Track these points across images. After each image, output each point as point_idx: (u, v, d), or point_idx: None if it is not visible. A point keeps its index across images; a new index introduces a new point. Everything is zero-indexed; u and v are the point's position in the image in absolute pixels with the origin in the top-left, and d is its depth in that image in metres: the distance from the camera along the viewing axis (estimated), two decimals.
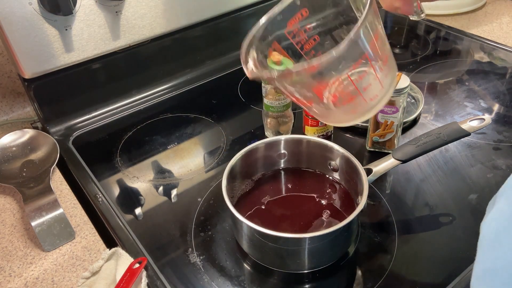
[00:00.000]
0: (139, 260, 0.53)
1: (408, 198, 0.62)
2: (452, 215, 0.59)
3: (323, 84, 0.44)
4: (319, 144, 0.58)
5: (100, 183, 0.67)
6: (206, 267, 0.54)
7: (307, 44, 0.52)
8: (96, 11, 0.72)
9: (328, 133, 0.70)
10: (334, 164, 0.59)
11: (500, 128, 0.73)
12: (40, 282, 0.54)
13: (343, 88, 0.45)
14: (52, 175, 0.67)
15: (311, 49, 0.52)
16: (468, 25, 1.06)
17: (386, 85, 0.46)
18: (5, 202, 0.65)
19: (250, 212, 0.55)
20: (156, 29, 0.81)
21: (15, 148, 0.70)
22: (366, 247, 0.55)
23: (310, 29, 0.51)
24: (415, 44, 1.02)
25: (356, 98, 0.45)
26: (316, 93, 0.44)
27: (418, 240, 0.56)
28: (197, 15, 0.86)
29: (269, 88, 0.66)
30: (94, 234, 0.59)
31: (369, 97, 0.45)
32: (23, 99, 0.84)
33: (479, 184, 0.63)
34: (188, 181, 0.67)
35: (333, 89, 0.45)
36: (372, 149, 0.70)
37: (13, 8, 0.64)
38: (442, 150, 0.68)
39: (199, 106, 0.84)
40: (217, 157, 0.71)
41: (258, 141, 0.58)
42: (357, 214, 0.47)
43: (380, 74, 0.44)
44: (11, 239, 0.59)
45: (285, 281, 0.52)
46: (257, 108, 0.82)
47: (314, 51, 0.52)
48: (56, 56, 0.71)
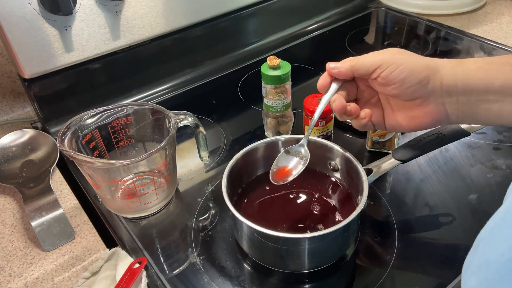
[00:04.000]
0: (139, 260, 0.53)
1: (408, 198, 0.62)
2: (452, 215, 0.59)
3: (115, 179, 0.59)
4: (319, 144, 0.58)
5: None
6: (206, 267, 0.54)
7: (122, 142, 0.63)
8: (96, 11, 0.72)
9: (328, 133, 0.69)
10: (334, 164, 0.59)
11: (500, 128, 0.73)
12: (40, 282, 0.53)
13: (127, 187, 0.60)
14: (52, 175, 0.67)
15: (123, 146, 0.63)
16: (468, 25, 1.06)
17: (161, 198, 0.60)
18: (5, 202, 0.65)
19: (250, 212, 0.55)
20: (156, 29, 0.81)
21: (15, 148, 0.70)
22: (366, 247, 0.55)
23: (129, 132, 0.63)
24: (415, 44, 1.02)
25: (134, 198, 0.57)
26: (107, 183, 0.57)
27: (418, 240, 0.56)
28: (197, 15, 0.86)
29: (269, 88, 0.66)
30: (94, 234, 0.59)
31: (144, 201, 0.58)
32: (23, 99, 0.84)
33: (479, 184, 0.63)
34: (188, 181, 0.67)
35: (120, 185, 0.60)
36: (372, 149, 0.70)
37: (13, 8, 0.64)
38: (442, 150, 0.68)
39: (199, 106, 0.84)
40: (217, 157, 0.71)
41: (258, 141, 0.58)
42: (357, 214, 0.47)
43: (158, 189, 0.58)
44: (11, 239, 0.59)
45: (285, 281, 0.52)
46: (257, 108, 0.82)
47: (125, 149, 0.64)
48: (56, 56, 0.71)
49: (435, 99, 0.47)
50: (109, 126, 0.60)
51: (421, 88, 0.46)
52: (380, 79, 0.47)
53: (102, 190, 0.58)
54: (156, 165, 0.61)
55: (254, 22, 0.98)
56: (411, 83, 0.46)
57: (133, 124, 0.62)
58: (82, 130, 0.58)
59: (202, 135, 0.64)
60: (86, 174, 0.57)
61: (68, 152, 0.52)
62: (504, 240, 0.29)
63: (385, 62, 0.46)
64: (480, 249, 0.31)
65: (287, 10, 1.03)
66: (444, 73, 0.46)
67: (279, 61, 0.65)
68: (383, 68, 0.47)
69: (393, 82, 0.46)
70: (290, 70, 0.65)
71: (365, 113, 0.49)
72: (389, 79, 0.46)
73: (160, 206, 0.62)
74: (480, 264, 0.30)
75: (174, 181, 0.63)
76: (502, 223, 0.30)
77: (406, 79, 0.46)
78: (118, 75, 0.83)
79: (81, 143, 0.58)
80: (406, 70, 0.46)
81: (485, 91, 0.45)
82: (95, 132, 0.59)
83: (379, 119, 0.51)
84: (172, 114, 0.58)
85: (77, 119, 0.57)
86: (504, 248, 0.28)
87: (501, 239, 0.29)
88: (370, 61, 0.47)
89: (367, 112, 0.49)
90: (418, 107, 0.48)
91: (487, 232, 0.31)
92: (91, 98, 0.81)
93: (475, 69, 0.45)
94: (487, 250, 0.30)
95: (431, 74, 0.46)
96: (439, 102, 0.47)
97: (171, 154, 0.59)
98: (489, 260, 0.29)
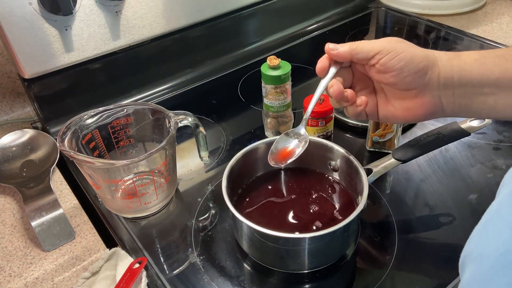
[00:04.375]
0: (139, 260, 0.53)
1: (408, 198, 0.62)
2: (452, 215, 0.59)
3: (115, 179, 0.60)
4: (319, 144, 0.58)
5: None
6: (206, 267, 0.54)
7: (122, 142, 0.63)
8: (96, 11, 0.72)
9: (328, 133, 0.69)
10: (334, 164, 0.59)
11: (500, 128, 0.73)
12: (40, 282, 0.53)
13: (127, 187, 0.61)
14: (52, 175, 0.67)
15: (123, 146, 0.64)
16: (468, 25, 1.06)
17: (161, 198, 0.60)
18: (5, 202, 0.65)
19: (250, 212, 0.55)
20: (156, 29, 0.81)
21: (15, 148, 0.70)
22: (366, 247, 0.55)
23: (129, 132, 0.63)
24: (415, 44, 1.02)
25: (134, 198, 0.58)
26: (107, 183, 0.58)
27: (418, 240, 0.56)
28: (197, 15, 0.86)
29: (269, 88, 0.66)
30: (94, 234, 0.59)
31: (144, 201, 0.58)
32: (23, 99, 0.84)
33: (479, 184, 0.63)
34: (188, 181, 0.67)
35: (121, 185, 0.61)
36: (372, 149, 0.70)
37: (13, 8, 0.64)
38: (442, 150, 0.68)
39: (199, 106, 0.84)
40: (217, 157, 0.71)
41: (258, 141, 0.58)
42: (357, 214, 0.47)
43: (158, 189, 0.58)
44: (11, 239, 0.59)
45: (285, 281, 0.52)
46: (257, 108, 0.82)
47: (125, 149, 0.64)
48: (56, 56, 0.71)
49: (431, 91, 0.47)
50: (109, 126, 0.60)
51: (419, 78, 0.46)
52: (378, 66, 0.47)
53: (102, 190, 0.58)
54: (156, 165, 0.61)
55: (254, 22, 0.98)
56: (409, 72, 0.46)
57: (133, 124, 0.62)
58: (82, 130, 0.58)
59: (202, 135, 0.64)
60: (86, 174, 0.57)
61: (68, 152, 0.52)
62: (497, 235, 0.29)
63: (385, 49, 0.46)
64: (474, 242, 0.31)
65: (287, 10, 1.03)
66: (442, 65, 0.46)
67: (279, 61, 0.65)
68: (382, 54, 0.46)
69: (392, 70, 0.46)
70: (290, 70, 0.65)
71: (361, 100, 0.49)
72: (387, 66, 0.46)
73: (160, 206, 0.62)
74: (475, 257, 0.30)
75: (174, 181, 0.63)
76: (495, 216, 0.31)
77: (405, 67, 0.46)
78: (118, 75, 0.83)
79: (81, 143, 0.58)
80: (406, 59, 0.46)
81: (481, 83, 0.45)
82: (95, 132, 0.59)
83: (372, 108, 0.51)
84: (172, 114, 0.59)
85: (77, 119, 0.57)
86: (498, 243, 0.29)
87: (494, 233, 0.30)
88: (370, 46, 0.47)
89: (363, 100, 0.49)
90: (414, 98, 0.48)
91: (481, 225, 0.32)
92: (91, 98, 0.81)
93: (471, 61, 0.46)
94: (480, 243, 0.31)
95: (429, 65, 0.46)
96: (435, 94, 0.47)
97: (171, 154, 0.59)
98: (483, 254, 0.30)
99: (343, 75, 0.50)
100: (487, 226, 0.31)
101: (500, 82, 0.44)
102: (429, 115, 0.48)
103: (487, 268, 0.29)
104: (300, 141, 0.52)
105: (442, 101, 0.47)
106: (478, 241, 0.31)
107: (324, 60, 0.50)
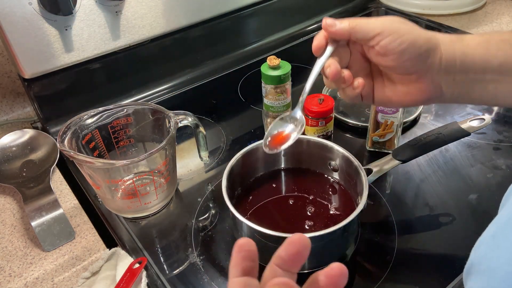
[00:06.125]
0: (139, 260, 0.53)
1: (408, 198, 0.62)
2: (452, 215, 0.59)
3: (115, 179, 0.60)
4: (319, 144, 0.58)
5: None
6: (206, 267, 0.54)
7: (122, 142, 0.63)
8: (96, 11, 0.72)
9: (328, 133, 0.69)
10: (334, 164, 0.59)
11: (500, 128, 0.73)
12: (40, 282, 0.53)
13: (127, 187, 0.61)
14: (52, 175, 0.67)
15: (123, 146, 0.64)
16: (468, 25, 1.06)
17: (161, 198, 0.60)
18: (5, 202, 0.65)
19: (250, 212, 0.55)
20: (156, 29, 0.81)
21: (15, 148, 0.70)
22: (366, 247, 0.55)
23: (129, 132, 0.63)
24: None
25: (134, 198, 0.58)
26: (107, 183, 0.58)
27: (418, 240, 0.56)
28: (197, 15, 0.86)
29: (269, 88, 0.66)
30: (94, 234, 0.59)
31: (144, 201, 0.58)
32: (23, 99, 0.84)
33: (479, 184, 0.63)
34: (188, 181, 0.67)
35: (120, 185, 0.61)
36: (372, 149, 0.70)
37: (13, 8, 0.64)
38: (442, 150, 0.68)
39: (199, 106, 0.84)
40: (217, 157, 0.71)
41: (258, 141, 0.58)
42: (357, 214, 0.47)
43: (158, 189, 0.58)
44: (11, 239, 0.59)
45: None
46: (257, 108, 0.82)
47: (125, 149, 0.64)
48: (56, 56, 0.71)
49: (431, 76, 0.44)
50: (109, 126, 0.61)
51: (420, 63, 0.43)
52: (378, 48, 0.43)
53: (102, 190, 0.58)
54: (156, 165, 0.61)
55: (254, 22, 0.98)
56: (410, 55, 0.43)
57: (133, 124, 0.62)
58: (82, 130, 0.58)
59: (202, 135, 0.64)
60: (86, 174, 0.57)
61: (68, 152, 0.52)
62: (508, 247, 0.28)
63: (386, 30, 0.43)
64: (482, 253, 0.31)
65: (287, 10, 1.03)
66: (444, 49, 0.44)
67: (279, 61, 0.65)
68: (383, 35, 0.43)
69: (392, 53, 0.43)
70: (290, 70, 0.65)
71: (359, 83, 0.46)
72: (388, 49, 0.43)
73: (160, 206, 0.62)
74: (483, 270, 0.30)
75: (174, 181, 0.63)
76: (506, 228, 0.30)
77: (406, 50, 0.43)
78: (118, 75, 0.83)
79: (81, 143, 0.58)
80: (407, 42, 0.42)
81: (483, 69, 0.43)
82: (95, 132, 0.59)
83: (368, 91, 0.48)
84: (172, 114, 0.59)
85: (77, 119, 0.57)
86: (509, 256, 0.28)
87: (505, 246, 0.29)
88: (371, 26, 0.43)
89: (361, 82, 0.46)
90: (413, 82, 0.45)
91: (489, 236, 0.31)
92: (91, 98, 0.81)
93: (474, 45, 0.43)
94: (490, 255, 0.30)
95: (431, 49, 0.43)
96: (435, 79, 0.45)
97: (171, 154, 0.59)
98: (493, 267, 0.29)
99: (339, 53, 0.46)
100: (496, 237, 0.30)
101: (503, 68, 0.42)
102: (427, 100, 0.46)
103: (498, 282, 0.28)
104: (296, 125, 0.49)
105: (442, 86, 0.45)
106: (487, 253, 0.30)
107: (321, 38, 0.46)
